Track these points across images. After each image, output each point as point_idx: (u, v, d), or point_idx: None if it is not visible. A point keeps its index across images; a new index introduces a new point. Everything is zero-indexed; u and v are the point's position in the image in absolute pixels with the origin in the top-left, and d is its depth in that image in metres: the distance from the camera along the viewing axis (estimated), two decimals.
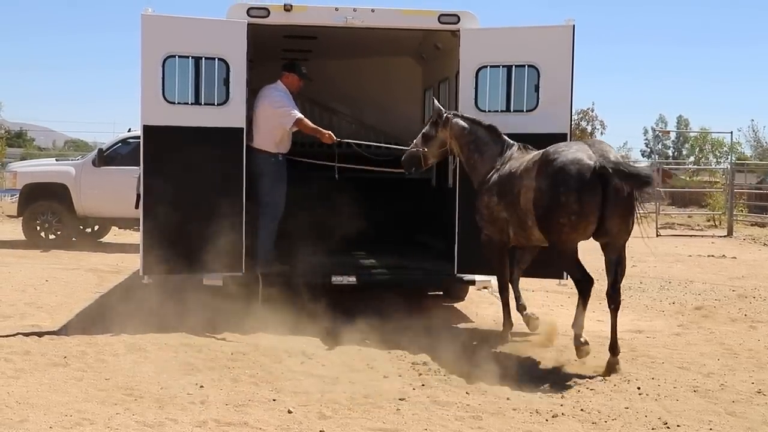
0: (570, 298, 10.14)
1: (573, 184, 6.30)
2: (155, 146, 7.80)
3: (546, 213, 6.51)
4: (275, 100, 8.30)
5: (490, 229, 7.37)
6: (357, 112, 11.90)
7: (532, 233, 6.89)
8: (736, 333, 8.03)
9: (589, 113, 43.56)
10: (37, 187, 14.99)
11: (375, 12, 8.20)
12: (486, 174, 7.38)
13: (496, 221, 7.26)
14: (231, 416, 5.12)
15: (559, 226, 6.44)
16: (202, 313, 8.28)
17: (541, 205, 6.54)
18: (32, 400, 5.33)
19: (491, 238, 7.41)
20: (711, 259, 14.86)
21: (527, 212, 6.75)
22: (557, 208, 6.38)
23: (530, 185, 6.67)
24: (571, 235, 6.47)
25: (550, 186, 6.45)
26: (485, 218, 7.36)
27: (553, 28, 8.07)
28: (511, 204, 6.96)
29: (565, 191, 6.32)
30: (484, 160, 7.45)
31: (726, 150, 47.78)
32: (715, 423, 5.17)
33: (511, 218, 7.06)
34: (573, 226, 6.39)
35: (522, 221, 6.88)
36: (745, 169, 31.98)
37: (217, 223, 7.92)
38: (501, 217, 7.19)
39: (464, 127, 7.57)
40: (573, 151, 6.50)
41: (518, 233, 7.10)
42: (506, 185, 7.04)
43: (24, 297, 9.39)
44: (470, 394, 5.69)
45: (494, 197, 7.19)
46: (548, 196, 6.45)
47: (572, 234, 6.46)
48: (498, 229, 7.28)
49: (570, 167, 6.36)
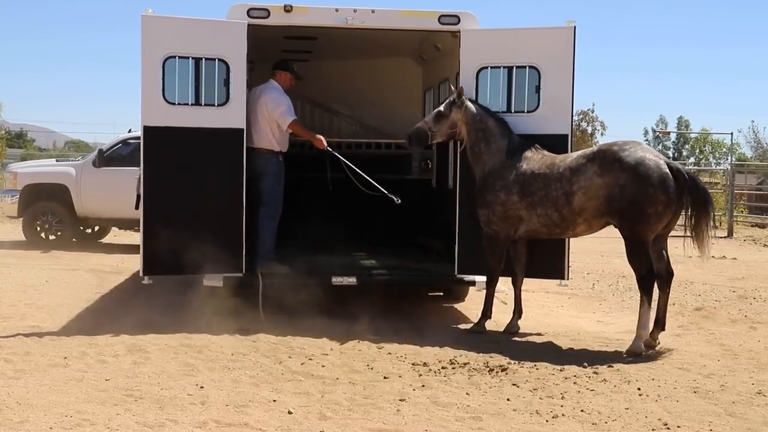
0: (570, 299, 10.16)
1: (657, 177, 6.93)
2: (155, 147, 7.80)
3: (631, 206, 6.95)
4: (273, 100, 8.30)
5: (500, 225, 7.63)
6: (357, 112, 11.91)
7: (575, 230, 7.41)
8: (736, 334, 8.03)
9: (590, 114, 43.59)
10: (37, 187, 14.98)
11: (375, 13, 8.20)
12: (492, 167, 7.62)
13: (509, 218, 7.56)
14: (231, 417, 5.12)
15: (647, 216, 6.94)
16: (203, 313, 8.29)
17: (625, 199, 6.96)
18: (32, 400, 5.33)
19: (499, 234, 7.65)
20: (711, 260, 14.82)
21: (583, 210, 7.19)
22: (646, 200, 6.92)
23: (595, 184, 7.08)
24: (656, 225, 7.04)
25: (632, 179, 6.93)
26: (498, 215, 7.59)
27: (554, 29, 8.07)
28: (548, 203, 7.31)
29: (651, 184, 6.91)
30: (491, 151, 7.68)
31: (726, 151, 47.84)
32: (715, 424, 5.17)
33: (541, 216, 7.40)
34: (659, 216, 7.00)
35: (566, 219, 7.31)
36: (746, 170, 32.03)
37: (218, 224, 7.93)
38: (517, 214, 7.52)
39: (477, 113, 7.77)
40: (640, 149, 7.14)
41: (550, 230, 7.48)
42: (537, 185, 7.39)
43: (24, 297, 9.38)
44: (470, 395, 5.69)
45: (514, 196, 7.49)
46: (634, 190, 6.92)
47: (657, 224, 7.04)
48: (508, 225, 7.60)
49: (649, 162, 6.97)
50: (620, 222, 7.14)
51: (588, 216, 7.25)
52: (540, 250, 7.91)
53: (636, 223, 7.02)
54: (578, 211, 7.24)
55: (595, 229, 7.48)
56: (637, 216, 6.99)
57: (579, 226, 7.38)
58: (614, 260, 14.22)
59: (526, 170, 7.48)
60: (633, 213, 6.99)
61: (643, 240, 7.08)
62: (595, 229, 7.49)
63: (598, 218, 7.27)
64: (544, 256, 8.02)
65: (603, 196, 7.08)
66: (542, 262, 8.05)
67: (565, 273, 8.19)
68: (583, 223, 7.32)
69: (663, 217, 7.03)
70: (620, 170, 7.01)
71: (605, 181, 7.06)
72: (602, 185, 7.08)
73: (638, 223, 7.02)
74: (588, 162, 7.20)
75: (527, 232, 7.62)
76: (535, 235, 7.69)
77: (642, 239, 7.08)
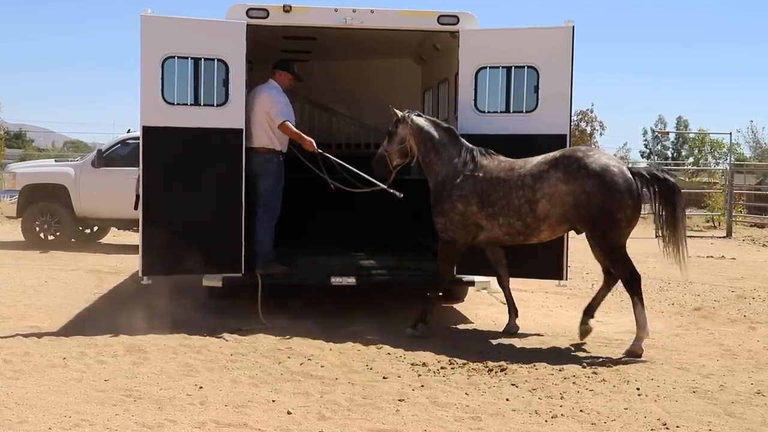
0: (569, 299, 10.16)
1: (623, 182, 6.97)
2: (154, 147, 7.79)
3: (601, 213, 6.96)
4: (270, 99, 8.29)
5: (457, 233, 7.58)
6: (356, 113, 11.91)
7: (539, 236, 7.33)
8: (735, 334, 8.03)
9: (589, 114, 43.67)
10: (36, 188, 14.99)
11: (374, 13, 8.20)
12: (445, 176, 7.59)
13: (468, 227, 7.52)
14: (230, 417, 5.12)
15: (618, 222, 6.97)
16: (202, 313, 8.30)
17: (593, 207, 6.96)
18: (31, 401, 5.33)
19: (456, 241, 7.61)
20: (710, 260, 14.86)
21: (547, 217, 7.14)
22: (615, 206, 6.94)
23: (559, 191, 7.02)
24: (627, 229, 7.07)
25: (598, 187, 6.93)
26: (455, 224, 7.54)
27: (553, 29, 8.07)
28: (509, 212, 7.25)
29: (618, 190, 6.94)
30: (442, 161, 7.66)
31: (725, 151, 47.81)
32: (714, 424, 5.17)
33: (502, 225, 7.32)
34: (629, 221, 7.04)
35: (530, 227, 7.24)
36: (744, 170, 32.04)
37: (217, 224, 7.93)
38: (476, 223, 7.46)
39: (422, 125, 7.76)
40: (602, 155, 7.22)
41: (513, 237, 7.40)
42: (497, 194, 7.31)
43: (23, 298, 9.38)
44: (469, 395, 5.69)
45: (473, 206, 7.43)
46: (602, 197, 6.93)
47: (628, 228, 7.08)
48: (466, 233, 7.55)
49: (614, 168, 7.02)
50: (591, 230, 7.11)
51: (552, 222, 7.20)
52: (539, 251, 7.90)
53: (608, 230, 7.01)
54: (542, 218, 7.17)
55: (559, 234, 7.46)
56: (609, 223, 6.98)
57: (543, 233, 7.31)
58: None
59: (484, 179, 7.41)
60: (604, 220, 6.98)
61: (618, 245, 7.08)
62: (558, 234, 7.47)
63: (563, 224, 7.24)
64: (543, 257, 8.02)
65: (569, 204, 7.04)
66: (541, 263, 8.05)
67: (564, 273, 8.19)
68: (547, 229, 7.27)
69: (633, 220, 7.07)
70: (586, 177, 6.96)
71: (571, 188, 7.01)
72: (568, 192, 7.02)
73: (611, 230, 7.00)
74: (551, 168, 7.11)
75: (488, 239, 7.55)
76: (496, 243, 7.64)
77: (617, 244, 7.07)
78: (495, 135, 7.92)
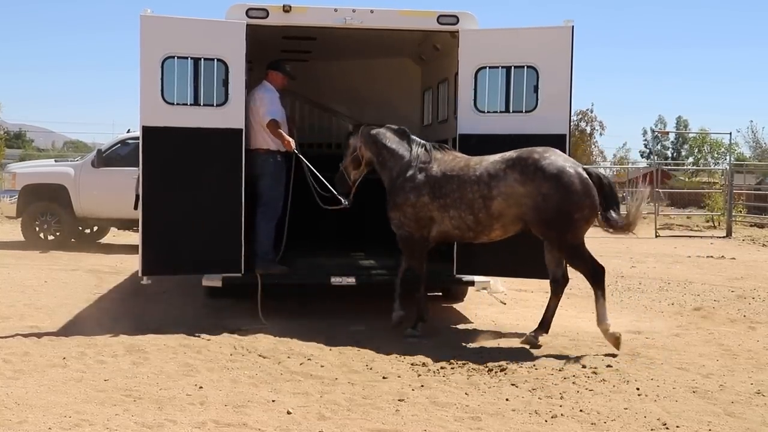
0: (569, 298, 10.14)
1: (579, 184, 6.97)
2: (154, 147, 7.79)
3: (558, 214, 6.95)
4: (260, 99, 8.34)
5: (412, 227, 7.61)
6: (356, 112, 11.90)
7: (490, 235, 7.34)
8: (735, 334, 8.03)
9: (589, 114, 43.70)
10: (36, 188, 14.99)
11: (374, 13, 8.19)
12: (399, 170, 7.66)
13: (421, 220, 7.54)
14: (230, 417, 5.12)
15: (575, 221, 6.98)
16: (202, 313, 8.30)
17: (550, 209, 6.95)
18: (31, 401, 5.33)
19: (413, 235, 7.62)
20: (710, 260, 14.87)
21: (501, 216, 7.15)
22: (572, 207, 6.94)
23: (516, 192, 7.03)
24: (584, 229, 7.10)
25: (555, 188, 6.92)
26: (408, 216, 7.58)
27: (553, 29, 8.06)
28: (462, 206, 7.26)
29: (575, 191, 6.94)
30: (395, 157, 7.76)
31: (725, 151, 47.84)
32: (714, 424, 5.17)
33: (454, 219, 7.34)
34: (587, 221, 7.07)
35: (481, 223, 7.25)
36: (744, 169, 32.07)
37: (216, 224, 7.92)
38: (429, 216, 7.49)
39: (370, 131, 7.97)
40: (558, 157, 7.11)
41: (463, 233, 7.42)
42: (450, 186, 7.35)
43: (23, 298, 9.38)
44: (469, 395, 5.69)
45: (424, 197, 7.46)
46: (559, 198, 6.92)
47: (585, 228, 7.10)
48: (421, 226, 7.57)
49: (570, 170, 7.00)
50: (546, 231, 7.09)
51: (506, 222, 7.20)
52: (539, 251, 7.89)
53: (566, 231, 7.02)
54: (496, 216, 7.18)
55: (510, 233, 7.39)
56: (566, 224, 6.98)
57: (495, 231, 7.30)
58: (612, 260, 14.24)
59: (437, 171, 7.45)
60: (561, 221, 6.98)
61: (576, 244, 7.08)
62: (509, 234, 7.40)
63: (516, 225, 7.23)
64: (543, 257, 8.00)
65: (526, 205, 7.04)
66: (541, 263, 8.04)
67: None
68: (499, 228, 7.27)
69: (590, 220, 7.09)
70: (542, 179, 6.96)
71: (527, 190, 7.01)
72: (524, 194, 7.03)
73: (568, 231, 7.02)
74: (508, 168, 7.12)
75: (439, 234, 7.54)
76: (447, 238, 7.64)
77: (575, 244, 7.08)
78: (495, 135, 7.93)
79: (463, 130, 8.05)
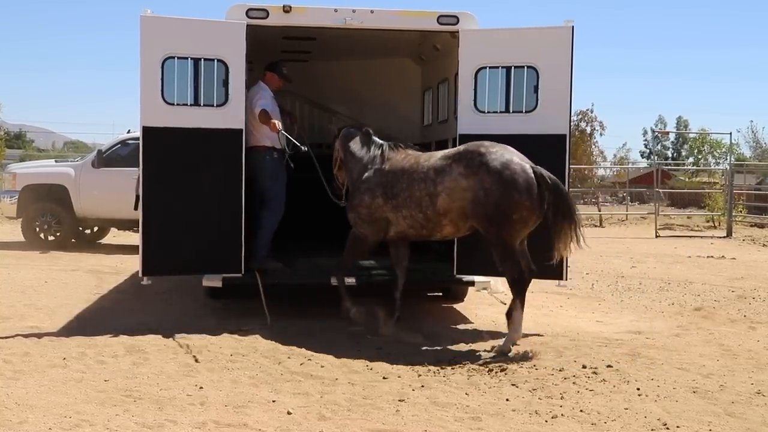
0: (569, 299, 10.16)
1: (522, 182, 6.83)
2: (154, 147, 7.79)
3: (496, 211, 6.87)
4: (254, 97, 8.37)
5: (367, 229, 7.62)
6: (356, 113, 11.90)
7: (442, 231, 7.29)
8: (735, 334, 8.03)
9: (589, 114, 43.63)
10: (36, 188, 14.99)
11: (374, 13, 8.19)
12: (358, 172, 7.72)
13: (376, 221, 7.53)
14: (230, 417, 5.12)
15: (512, 222, 6.87)
16: (202, 313, 8.30)
17: (490, 204, 6.87)
18: (31, 401, 5.33)
19: (367, 238, 7.67)
20: (710, 260, 14.86)
21: (448, 212, 7.08)
22: (511, 206, 6.82)
23: (460, 186, 6.97)
24: (522, 229, 6.98)
25: (496, 184, 6.84)
26: (363, 218, 7.60)
27: (553, 29, 8.06)
28: (412, 204, 7.24)
29: (516, 189, 6.82)
30: (355, 159, 7.82)
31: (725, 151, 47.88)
32: (715, 424, 5.17)
33: (406, 218, 7.33)
34: (524, 222, 6.93)
35: (431, 220, 7.21)
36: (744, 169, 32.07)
37: (217, 225, 7.93)
38: (384, 216, 7.47)
39: (344, 132, 8.09)
40: (506, 152, 7.00)
41: (417, 231, 7.39)
42: (401, 185, 7.34)
43: (23, 298, 9.38)
44: (469, 395, 5.69)
45: (378, 198, 7.46)
46: (498, 195, 6.82)
47: (523, 229, 6.98)
48: (376, 228, 7.57)
49: (515, 166, 6.88)
50: (485, 227, 7.02)
51: (454, 217, 7.13)
52: (539, 251, 7.88)
53: (502, 228, 6.92)
54: (442, 212, 7.11)
55: (463, 231, 7.34)
56: (503, 221, 6.88)
57: (445, 228, 7.24)
58: (613, 260, 14.24)
59: (389, 171, 7.45)
60: (498, 218, 6.88)
61: (510, 244, 6.99)
62: (462, 232, 7.35)
63: (464, 221, 7.15)
64: (543, 257, 8.00)
65: (467, 199, 6.97)
66: (541, 263, 8.04)
67: (564, 273, 8.18)
68: (449, 224, 7.19)
69: (528, 221, 6.96)
70: (486, 173, 6.88)
71: (470, 184, 6.94)
72: (467, 188, 6.96)
73: (504, 228, 6.92)
74: (453, 163, 7.07)
75: (397, 234, 7.54)
76: (405, 237, 7.62)
77: (509, 243, 6.99)
78: (495, 135, 7.91)
79: (463, 130, 8.05)
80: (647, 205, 32.58)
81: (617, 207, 32.90)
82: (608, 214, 27.49)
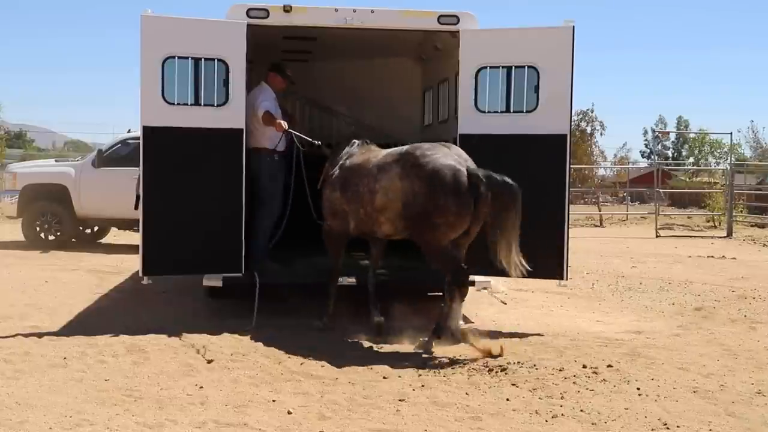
0: (569, 299, 10.16)
1: (450, 187, 6.72)
2: (155, 147, 7.80)
3: (420, 214, 6.84)
4: (257, 98, 8.40)
5: (332, 222, 7.73)
6: (356, 112, 11.90)
7: (381, 229, 7.30)
8: (735, 334, 8.03)
9: (589, 114, 43.58)
10: (36, 188, 15.00)
11: (374, 13, 8.20)
12: (332, 170, 7.80)
13: (337, 214, 7.64)
14: (230, 417, 5.12)
15: (436, 226, 6.80)
16: (202, 313, 8.30)
17: (417, 206, 6.85)
18: (32, 401, 5.33)
19: (332, 229, 7.76)
20: (710, 260, 14.86)
21: (384, 210, 7.11)
22: (435, 210, 6.76)
23: (395, 186, 6.99)
24: (448, 234, 6.87)
25: (425, 188, 6.79)
26: (327, 210, 7.75)
27: (553, 29, 8.06)
28: (357, 199, 7.32)
29: (442, 193, 6.73)
30: (335, 161, 7.85)
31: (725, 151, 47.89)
32: (715, 424, 5.17)
33: (354, 212, 7.41)
34: (450, 226, 6.83)
35: (370, 217, 7.26)
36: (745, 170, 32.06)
37: (217, 224, 7.93)
38: (342, 209, 7.56)
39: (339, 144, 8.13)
40: (442, 156, 6.88)
41: (363, 227, 7.46)
42: (351, 180, 7.42)
43: (24, 298, 9.38)
44: (470, 395, 5.69)
45: (336, 192, 7.57)
46: (424, 199, 6.79)
47: (448, 233, 6.87)
48: (340, 221, 7.65)
49: (446, 171, 6.77)
50: (411, 228, 7.02)
51: (390, 216, 7.10)
52: (539, 251, 7.89)
53: (425, 232, 6.90)
54: (379, 210, 7.13)
55: (400, 232, 7.26)
56: (426, 225, 6.85)
57: (383, 226, 7.22)
58: (613, 260, 14.23)
59: (348, 167, 7.55)
60: (423, 222, 6.86)
61: (436, 246, 6.93)
62: (401, 231, 7.24)
63: (400, 220, 7.10)
64: (544, 257, 8.00)
65: (400, 200, 6.98)
66: (541, 263, 8.03)
67: (565, 273, 8.18)
68: (386, 222, 7.17)
69: (455, 225, 6.83)
70: (416, 177, 6.86)
71: (403, 185, 6.94)
72: (400, 189, 6.96)
73: (427, 232, 6.89)
74: (393, 162, 7.10)
75: (354, 228, 7.56)
76: (359, 233, 7.63)
77: (436, 246, 6.93)
78: (495, 135, 7.93)
79: (464, 130, 8.05)
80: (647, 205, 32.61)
81: (617, 207, 32.92)
82: (608, 213, 27.50)
